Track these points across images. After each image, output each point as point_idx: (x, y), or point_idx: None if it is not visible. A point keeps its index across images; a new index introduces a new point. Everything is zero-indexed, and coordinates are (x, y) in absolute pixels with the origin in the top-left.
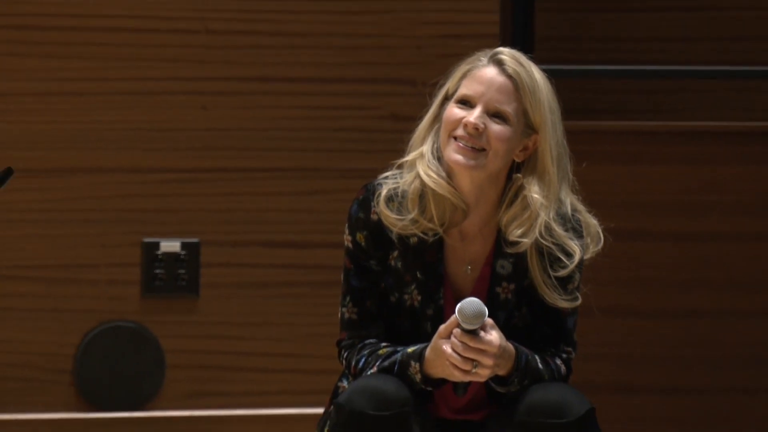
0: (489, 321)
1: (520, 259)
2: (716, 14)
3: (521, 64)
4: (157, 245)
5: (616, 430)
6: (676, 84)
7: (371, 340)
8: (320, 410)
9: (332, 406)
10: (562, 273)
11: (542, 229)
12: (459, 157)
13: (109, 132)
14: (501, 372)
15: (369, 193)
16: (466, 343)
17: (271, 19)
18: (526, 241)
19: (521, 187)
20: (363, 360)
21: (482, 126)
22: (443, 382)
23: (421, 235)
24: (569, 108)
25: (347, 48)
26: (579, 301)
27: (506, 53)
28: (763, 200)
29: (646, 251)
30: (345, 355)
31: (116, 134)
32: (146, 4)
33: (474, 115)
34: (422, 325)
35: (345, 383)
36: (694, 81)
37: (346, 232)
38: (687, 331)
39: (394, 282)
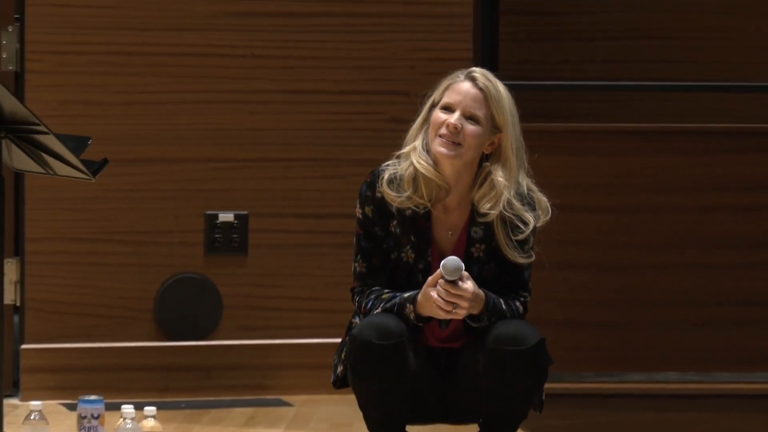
0: (465, 273)
1: (488, 227)
2: (629, 43)
3: (489, 80)
4: (216, 216)
5: (559, 355)
6: (601, 95)
7: (376, 288)
8: (338, 340)
9: (347, 337)
10: (520, 237)
11: (505, 204)
12: (443, 150)
13: (180, 131)
14: (474, 311)
15: (375, 177)
16: (448, 290)
17: (300, 47)
18: (493, 213)
19: (489, 173)
20: (370, 303)
21: (460, 126)
22: (430, 319)
23: (414, 208)
24: (525, 113)
25: (359, 68)
26: (533, 258)
27: (478, 72)
28: (665, 182)
29: (582, 220)
30: (356, 299)
31: (185, 133)
32: (208, 35)
33: (454, 118)
34: (415, 276)
35: (357, 320)
36: (614, 92)
37: (357, 206)
38: (614, 280)
39: (394, 244)
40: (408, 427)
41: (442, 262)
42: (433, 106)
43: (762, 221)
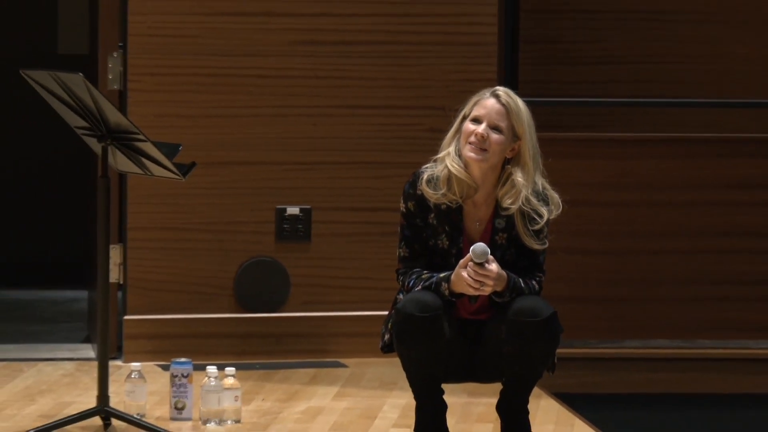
0: (491, 257)
1: (510, 219)
2: (628, 66)
3: (510, 97)
4: (285, 210)
5: (569, 325)
6: (604, 110)
7: (417, 269)
8: (385, 313)
9: (393, 310)
10: (536, 227)
11: (523, 200)
12: (472, 155)
13: (256, 140)
14: (498, 289)
15: (416, 177)
16: (477, 271)
17: (354, 69)
18: (514, 207)
19: (510, 174)
20: (412, 281)
21: (486, 135)
22: (462, 295)
23: (448, 203)
24: (540, 124)
25: (403, 87)
26: (547, 245)
27: (501, 90)
28: (658, 181)
29: (588, 214)
30: (400, 278)
31: (260, 141)
32: (279, 60)
33: (481, 128)
34: (449, 260)
35: (401, 296)
36: (615, 108)
37: (401, 201)
38: (614, 263)
39: (431, 233)
40: (443, 385)
41: (472, 247)
42: (464, 118)
43: (737, 214)
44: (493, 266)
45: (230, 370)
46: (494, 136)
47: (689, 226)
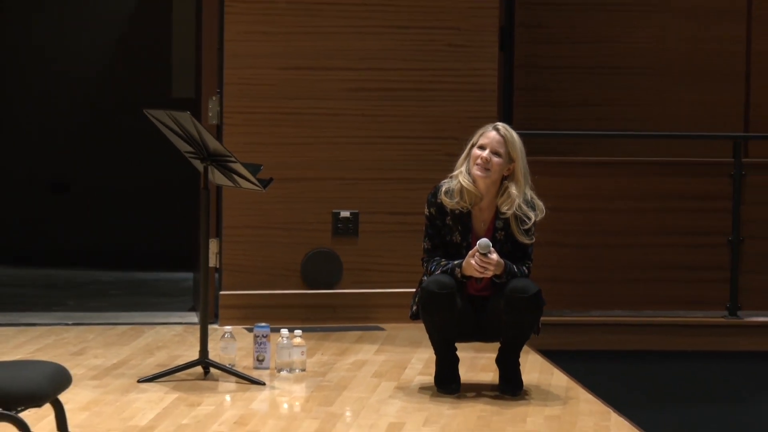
0: (492, 249)
1: (506, 221)
2: (598, 108)
3: (507, 130)
4: (339, 213)
5: (550, 300)
6: (579, 140)
7: (437, 258)
8: (413, 290)
9: (419, 288)
10: (526, 227)
11: (517, 207)
12: (479, 173)
13: (317, 161)
14: (498, 272)
15: (436, 189)
16: (481, 259)
17: (391, 109)
18: (509, 212)
19: (507, 187)
20: (433, 267)
21: (489, 158)
22: (470, 277)
23: (461, 209)
24: (530, 150)
25: (427, 122)
26: (534, 240)
27: (500, 125)
28: (621, 193)
29: (566, 217)
30: (424, 264)
31: (320, 162)
32: (335, 102)
33: (485, 153)
34: (460, 251)
35: (425, 278)
36: (587, 138)
37: (426, 207)
38: (586, 254)
39: (448, 231)
40: (456, 344)
41: (478, 242)
42: (472, 145)
43: (673, 218)
44: (494, 256)
45: (298, 332)
46: (495, 159)
47: (638, 226)
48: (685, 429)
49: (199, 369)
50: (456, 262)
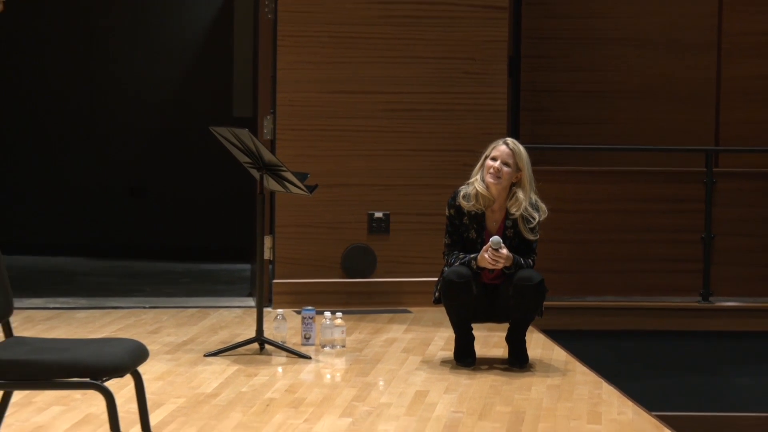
0: (503, 245)
1: (515, 221)
2: (593, 126)
3: (516, 144)
4: (373, 214)
5: (551, 287)
6: (575, 153)
7: (456, 252)
8: (435, 279)
9: (440, 277)
10: (531, 226)
11: (523, 209)
12: (491, 180)
13: (355, 170)
14: (507, 264)
15: (455, 194)
16: (494, 253)
17: (417, 127)
18: (517, 213)
19: (515, 192)
20: (452, 260)
21: (500, 168)
22: (484, 269)
23: (476, 211)
24: (534, 161)
25: (448, 138)
26: (538, 237)
27: (510, 140)
28: (612, 197)
29: (563, 217)
30: (445, 257)
31: (358, 171)
32: (370, 121)
33: (497, 164)
34: (476, 246)
35: (445, 269)
36: (582, 152)
37: (447, 209)
38: (582, 248)
39: (465, 229)
40: (472, 325)
41: (491, 239)
42: (486, 157)
43: (654, 217)
44: (504, 250)
45: (339, 314)
46: (505, 169)
47: (624, 225)
48: (665, 396)
49: (255, 345)
50: (472, 255)
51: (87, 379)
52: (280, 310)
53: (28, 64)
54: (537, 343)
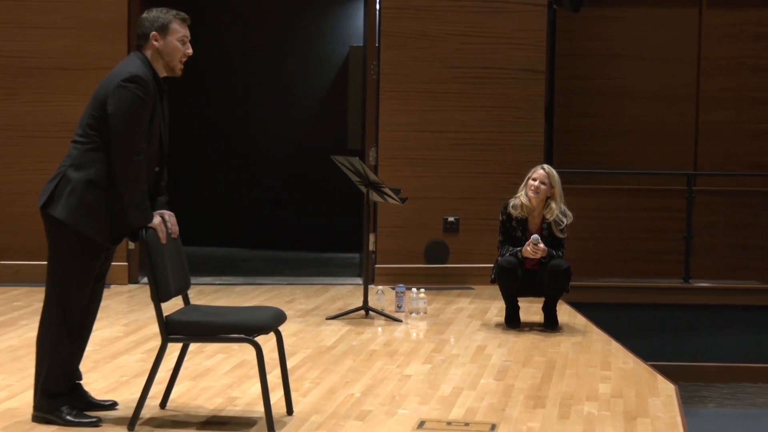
0: (541, 241)
1: (549, 224)
2: (600, 157)
3: (550, 169)
4: (447, 218)
5: (575, 272)
6: (593, 175)
7: (507, 246)
8: (492, 265)
9: (496, 263)
10: (561, 227)
11: (555, 215)
12: (532, 194)
13: (433, 187)
14: (544, 255)
15: (506, 204)
16: (534, 247)
17: (476, 159)
18: (551, 219)
19: (549, 204)
20: (504, 251)
21: (539, 186)
22: (527, 258)
23: (521, 217)
24: (564, 180)
25: (501, 164)
26: (566, 236)
27: (545, 166)
28: (618, 207)
29: (583, 222)
30: (499, 250)
31: (435, 187)
32: (442, 154)
33: (536, 183)
34: (521, 242)
35: (499, 258)
36: (598, 174)
37: (500, 215)
38: (597, 244)
39: (513, 230)
40: (518, 298)
41: (532, 237)
42: (528, 178)
43: (656, 223)
44: (541, 245)
45: (422, 290)
46: (542, 187)
47: (628, 227)
48: (658, 351)
49: (362, 312)
50: (518, 248)
51: (242, 335)
52: (380, 287)
53: (192, 108)
54: (564, 312)
